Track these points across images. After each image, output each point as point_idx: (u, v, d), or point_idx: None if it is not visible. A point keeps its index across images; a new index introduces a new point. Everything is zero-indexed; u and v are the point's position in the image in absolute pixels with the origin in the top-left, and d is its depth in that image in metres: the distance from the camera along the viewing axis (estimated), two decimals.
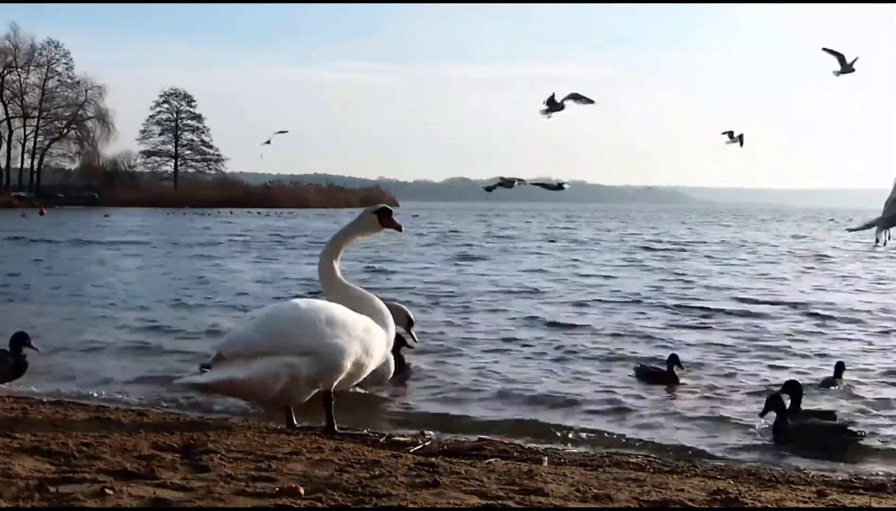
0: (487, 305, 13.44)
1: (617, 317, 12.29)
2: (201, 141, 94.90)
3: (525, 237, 38.35)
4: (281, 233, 38.44)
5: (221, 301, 13.58)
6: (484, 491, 3.82)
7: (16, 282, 15.99)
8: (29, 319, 10.72)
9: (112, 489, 3.53)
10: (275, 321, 5.33)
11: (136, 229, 40.41)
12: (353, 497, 3.61)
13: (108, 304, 13.03)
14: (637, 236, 40.17)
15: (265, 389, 5.17)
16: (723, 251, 29.06)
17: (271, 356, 5.15)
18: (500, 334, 10.50)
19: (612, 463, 5.15)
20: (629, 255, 26.22)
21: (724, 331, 11.01)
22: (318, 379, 5.24)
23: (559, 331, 10.81)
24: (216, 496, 3.56)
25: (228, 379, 5.16)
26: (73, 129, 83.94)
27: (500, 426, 6.36)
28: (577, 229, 47.27)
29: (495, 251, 27.92)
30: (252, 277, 17.82)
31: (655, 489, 4.09)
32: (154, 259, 22.67)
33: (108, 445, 4.52)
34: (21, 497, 3.40)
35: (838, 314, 12.65)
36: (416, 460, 4.52)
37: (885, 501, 4.35)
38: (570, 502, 3.72)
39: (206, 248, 27.45)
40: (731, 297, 14.87)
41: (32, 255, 22.93)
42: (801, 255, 26.81)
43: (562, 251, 28.19)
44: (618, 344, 9.89)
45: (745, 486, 4.45)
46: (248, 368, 5.12)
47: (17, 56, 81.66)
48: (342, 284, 5.75)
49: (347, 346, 5.27)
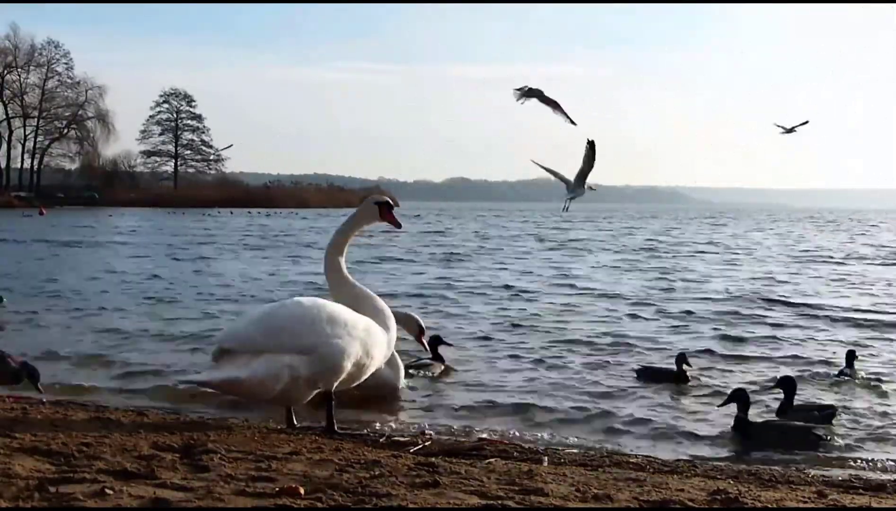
0: (481, 303, 13.45)
1: (616, 317, 12.28)
2: (201, 141, 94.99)
3: (518, 237, 38.34)
4: (282, 232, 38.45)
5: (221, 299, 13.59)
6: (484, 491, 3.82)
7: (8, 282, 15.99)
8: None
9: (112, 489, 3.53)
10: (275, 318, 5.32)
11: (136, 228, 40.43)
12: (353, 497, 3.61)
13: (101, 303, 13.02)
14: (631, 237, 40.16)
15: (265, 389, 5.16)
16: (717, 251, 29.06)
17: (272, 355, 5.14)
18: (499, 333, 10.50)
19: (612, 463, 5.14)
20: (624, 257, 26.19)
21: (733, 331, 11.01)
22: (318, 379, 5.23)
23: (558, 330, 10.80)
24: (216, 496, 3.57)
25: (229, 378, 5.15)
26: (73, 129, 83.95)
27: (501, 426, 6.36)
28: (571, 230, 47.18)
29: (484, 250, 27.96)
30: (250, 276, 17.81)
31: (655, 489, 4.09)
32: (156, 259, 22.65)
33: (108, 445, 4.52)
34: (21, 497, 3.40)
35: (842, 314, 12.67)
36: (416, 460, 4.52)
37: (885, 501, 4.35)
38: (570, 502, 3.72)
39: (206, 248, 27.45)
40: (740, 296, 14.88)
41: (36, 255, 22.94)
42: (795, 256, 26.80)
43: (549, 251, 28.18)
44: (616, 345, 9.88)
45: (745, 486, 4.45)
46: (248, 368, 5.10)
47: (17, 56, 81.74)
48: (348, 282, 5.75)
49: (348, 347, 5.26)
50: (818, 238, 40.46)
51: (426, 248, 28.26)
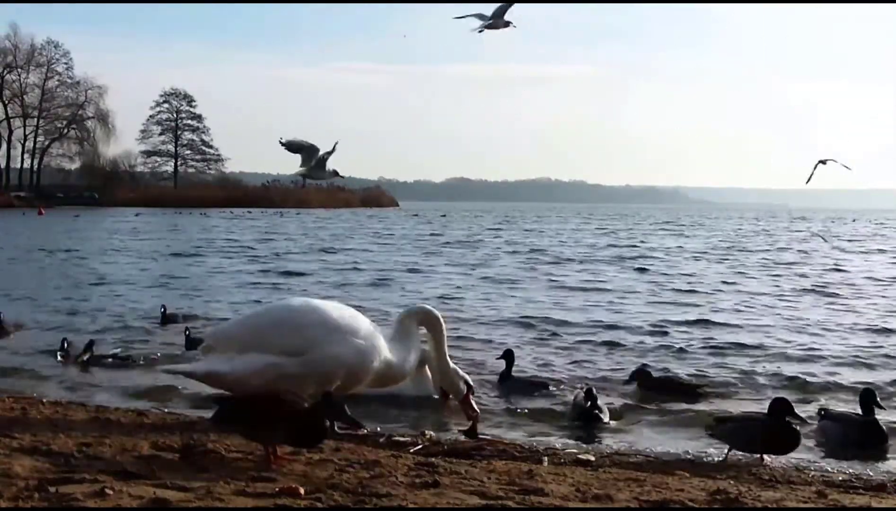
0: (476, 301, 13.45)
1: (614, 316, 12.28)
2: (201, 141, 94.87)
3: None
4: (287, 231, 38.44)
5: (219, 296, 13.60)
6: (484, 491, 3.82)
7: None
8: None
9: (112, 489, 3.53)
10: (262, 319, 5.44)
11: (138, 228, 40.42)
12: (353, 497, 3.61)
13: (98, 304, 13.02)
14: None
15: (249, 385, 5.15)
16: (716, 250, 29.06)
17: (257, 354, 5.18)
18: (498, 333, 10.49)
19: (612, 463, 5.14)
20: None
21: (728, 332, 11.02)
22: (308, 380, 5.17)
23: (557, 329, 10.79)
24: (216, 496, 3.57)
25: (211, 371, 5.29)
26: (73, 129, 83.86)
27: (501, 426, 6.35)
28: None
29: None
30: (250, 274, 17.82)
31: (655, 489, 4.09)
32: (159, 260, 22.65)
33: (108, 445, 4.52)
34: (21, 497, 3.41)
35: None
36: (416, 460, 4.53)
37: (885, 501, 4.35)
38: (570, 502, 3.72)
39: (206, 248, 27.44)
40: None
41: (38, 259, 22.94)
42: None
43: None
44: (616, 344, 9.87)
45: (745, 486, 4.45)
46: (230, 363, 5.21)
47: (17, 56, 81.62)
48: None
49: (340, 352, 5.23)
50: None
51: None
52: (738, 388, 7.70)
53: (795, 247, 31.42)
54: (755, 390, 7.59)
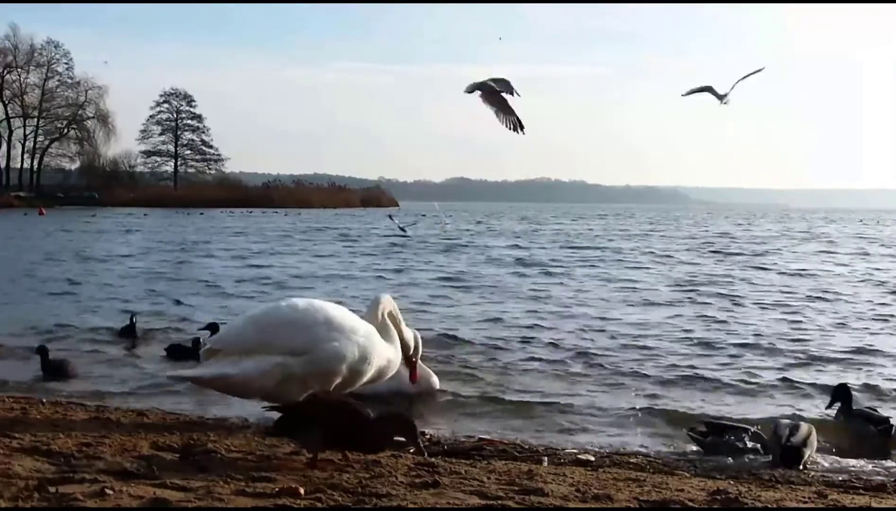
0: (473, 300, 13.46)
1: (614, 316, 12.28)
2: (201, 141, 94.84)
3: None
4: (286, 232, 38.44)
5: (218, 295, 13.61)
6: (484, 491, 3.82)
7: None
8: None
9: (112, 489, 3.53)
10: (268, 319, 5.40)
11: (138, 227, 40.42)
12: (353, 497, 3.61)
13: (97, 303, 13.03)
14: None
15: (256, 387, 5.18)
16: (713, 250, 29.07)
17: (263, 354, 5.18)
18: (496, 333, 10.49)
19: (612, 463, 5.14)
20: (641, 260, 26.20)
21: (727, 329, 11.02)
22: (312, 379, 5.23)
23: (557, 329, 10.80)
24: (216, 496, 3.57)
25: (219, 374, 5.23)
26: (73, 129, 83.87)
27: (501, 426, 6.35)
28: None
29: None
30: (247, 275, 17.82)
31: (655, 489, 4.09)
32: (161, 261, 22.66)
33: (108, 445, 4.52)
34: (21, 497, 3.41)
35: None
36: (416, 460, 4.52)
37: (885, 501, 4.35)
38: (570, 502, 3.72)
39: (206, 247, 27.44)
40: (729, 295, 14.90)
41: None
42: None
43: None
44: (616, 343, 9.88)
45: (745, 486, 4.45)
46: (238, 365, 5.18)
47: (17, 56, 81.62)
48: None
49: (344, 350, 5.27)
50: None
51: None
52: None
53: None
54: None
